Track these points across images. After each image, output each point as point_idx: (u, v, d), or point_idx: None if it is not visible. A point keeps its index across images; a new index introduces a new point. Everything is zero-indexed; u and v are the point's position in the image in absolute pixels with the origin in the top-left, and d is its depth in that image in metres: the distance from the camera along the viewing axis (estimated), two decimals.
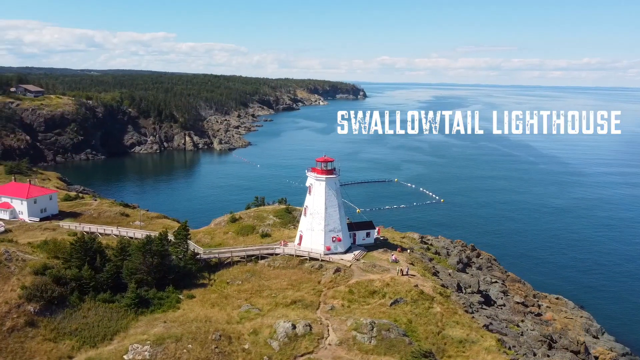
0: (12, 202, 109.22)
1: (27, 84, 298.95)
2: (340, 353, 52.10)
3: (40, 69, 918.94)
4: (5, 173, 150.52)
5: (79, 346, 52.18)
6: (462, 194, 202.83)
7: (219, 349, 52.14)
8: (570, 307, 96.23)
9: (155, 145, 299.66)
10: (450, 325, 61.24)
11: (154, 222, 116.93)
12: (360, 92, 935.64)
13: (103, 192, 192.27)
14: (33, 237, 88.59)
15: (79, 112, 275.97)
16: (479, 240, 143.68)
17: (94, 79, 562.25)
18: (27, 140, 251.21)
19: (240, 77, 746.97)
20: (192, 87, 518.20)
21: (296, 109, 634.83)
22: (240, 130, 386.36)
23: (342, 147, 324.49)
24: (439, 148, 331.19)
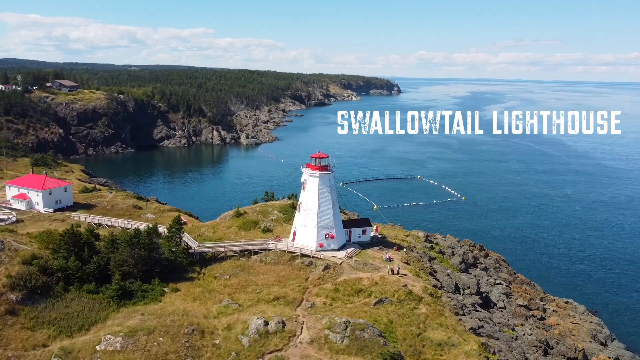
0: (29, 193, 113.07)
1: (63, 79, 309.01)
2: (309, 352, 51.49)
3: (83, 65, 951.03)
4: (31, 165, 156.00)
5: (55, 335, 53.40)
6: (485, 192, 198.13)
7: (190, 343, 52.38)
8: (580, 312, 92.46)
9: (183, 139, 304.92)
10: (432, 327, 59.66)
11: (165, 215, 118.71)
12: (395, 88, 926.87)
13: (127, 185, 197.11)
14: (41, 228, 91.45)
15: (110, 106, 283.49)
16: (494, 239, 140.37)
17: (131, 74, 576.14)
18: (60, 133, 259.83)
19: (274, 72, 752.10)
20: (224, 83, 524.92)
21: (328, 104, 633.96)
22: (269, 125, 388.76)
23: (369, 143, 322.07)
24: (468, 145, 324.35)
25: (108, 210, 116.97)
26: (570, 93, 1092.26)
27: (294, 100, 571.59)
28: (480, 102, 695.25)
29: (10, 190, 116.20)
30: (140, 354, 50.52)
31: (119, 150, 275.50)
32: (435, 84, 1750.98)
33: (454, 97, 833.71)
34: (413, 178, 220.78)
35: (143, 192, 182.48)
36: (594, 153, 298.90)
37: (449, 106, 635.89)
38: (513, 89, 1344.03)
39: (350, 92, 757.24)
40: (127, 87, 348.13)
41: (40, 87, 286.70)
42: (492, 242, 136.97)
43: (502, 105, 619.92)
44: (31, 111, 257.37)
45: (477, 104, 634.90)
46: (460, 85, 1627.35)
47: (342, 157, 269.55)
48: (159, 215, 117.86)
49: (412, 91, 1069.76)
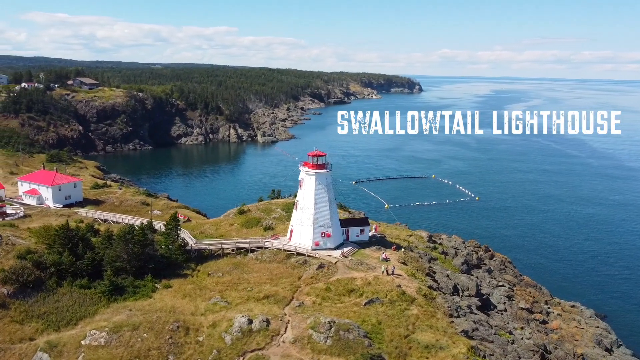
0: (39, 189, 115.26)
1: (84, 77, 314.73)
2: (291, 351, 51.18)
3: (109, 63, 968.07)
4: (46, 161, 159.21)
5: (43, 329, 54.25)
6: (500, 192, 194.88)
7: (173, 339, 52.61)
8: (587, 317, 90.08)
9: (200, 136, 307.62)
10: (421, 329, 58.75)
11: (172, 212, 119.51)
12: (416, 86, 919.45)
13: (142, 182, 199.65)
14: (47, 223, 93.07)
15: (128, 104, 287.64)
16: (504, 240, 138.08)
17: (153, 72, 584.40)
18: (79, 130, 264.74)
19: (295, 70, 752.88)
20: (244, 81, 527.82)
21: (347, 102, 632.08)
22: (286, 123, 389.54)
23: (384, 142, 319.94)
24: (487, 144, 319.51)
25: (116, 207, 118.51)
26: (595, 92, 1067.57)
27: (313, 99, 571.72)
28: (503, 100, 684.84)
29: (22, 186, 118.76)
30: (123, 349, 50.94)
31: (137, 148, 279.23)
32: (458, 82, 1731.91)
33: (475, 96, 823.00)
34: (427, 177, 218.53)
35: (157, 189, 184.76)
36: (616, 154, 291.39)
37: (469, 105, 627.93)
38: (537, 87, 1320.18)
39: (371, 91, 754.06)
40: (147, 85, 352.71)
41: (61, 85, 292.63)
42: (502, 243, 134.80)
43: (524, 104, 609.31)
44: (52, 108, 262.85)
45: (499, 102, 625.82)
46: (484, 83, 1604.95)
47: (356, 156, 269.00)
48: (166, 212, 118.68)
49: (433, 89, 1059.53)
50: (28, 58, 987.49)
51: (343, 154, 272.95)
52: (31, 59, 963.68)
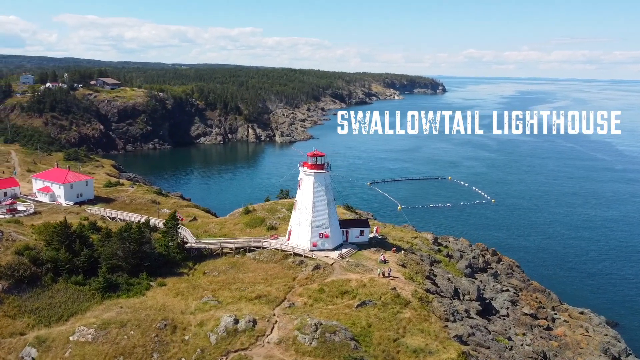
0: (52, 187, 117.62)
1: (106, 77, 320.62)
2: (274, 352, 50.87)
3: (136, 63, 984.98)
4: (64, 159, 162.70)
5: (34, 324, 55.13)
6: (517, 194, 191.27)
7: (159, 337, 52.83)
8: (595, 324, 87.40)
9: (219, 136, 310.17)
10: (412, 332, 57.79)
11: (181, 211, 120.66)
12: (440, 87, 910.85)
13: (158, 181, 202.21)
14: (55, 220, 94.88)
15: (149, 103, 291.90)
16: (516, 243, 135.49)
17: (177, 72, 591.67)
18: (101, 129, 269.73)
19: (317, 71, 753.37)
20: (266, 81, 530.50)
21: (369, 103, 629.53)
22: (305, 123, 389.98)
23: (404, 143, 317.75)
24: (508, 146, 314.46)
25: (127, 205, 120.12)
26: (625, 92, 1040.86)
27: (334, 99, 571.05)
28: (527, 101, 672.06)
29: (36, 183, 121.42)
30: (109, 346, 51.38)
31: (156, 147, 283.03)
32: (483, 82, 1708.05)
33: (500, 97, 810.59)
34: (444, 179, 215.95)
35: (173, 188, 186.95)
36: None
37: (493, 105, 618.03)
38: (565, 88, 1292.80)
39: (393, 91, 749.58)
40: (168, 85, 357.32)
41: (85, 85, 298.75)
42: (514, 246, 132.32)
43: (550, 105, 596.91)
44: (75, 108, 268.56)
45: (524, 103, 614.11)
46: (510, 84, 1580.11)
47: (373, 157, 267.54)
48: (175, 211, 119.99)
49: (457, 90, 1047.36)
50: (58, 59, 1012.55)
51: (359, 155, 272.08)
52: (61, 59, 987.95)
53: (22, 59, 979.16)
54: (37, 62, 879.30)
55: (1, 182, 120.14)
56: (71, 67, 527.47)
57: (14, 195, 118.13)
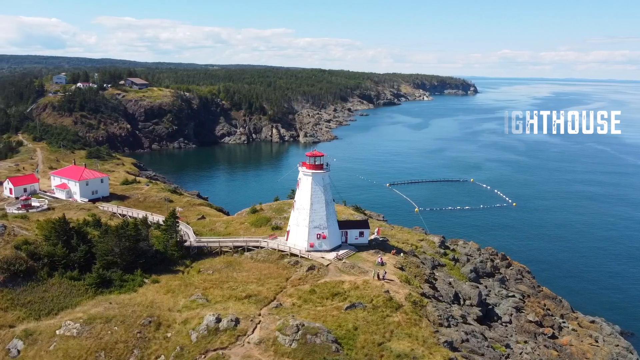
0: (69, 183, 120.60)
1: (135, 77, 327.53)
2: (253, 352, 50.57)
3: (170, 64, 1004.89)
4: (86, 157, 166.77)
5: (24, 317, 56.37)
6: (540, 198, 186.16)
7: (142, 334, 53.26)
8: (606, 333, 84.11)
9: (243, 136, 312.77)
10: (399, 337, 56.58)
11: (192, 209, 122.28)
12: (471, 88, 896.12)
13: (180, 179, 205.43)
14: (67, 215, 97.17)
15: (174, 103, 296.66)
16: (531, 248, 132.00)
17: (207, 73, 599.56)
18: (128, 128, 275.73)
19: (346, 71, 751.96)
20: (294, 81, 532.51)
21: (397, 104, 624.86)
22: (331, 124, 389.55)
23: (428, 144, 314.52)
24: (536, 147, 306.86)
25: (140, 202, 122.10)
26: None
27: (362, 100, 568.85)
28: (562, 103, 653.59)
29: (54, 180, 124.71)
30: (92, 341, 52.09)
31: (182, 146, 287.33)
32: (518, 83, 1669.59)
33: (533, 98, 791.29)
34: (465, 181, 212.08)
35: (192, 187, 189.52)
36: None
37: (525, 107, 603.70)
38: (603, 89, 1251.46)
39: (422, 92, 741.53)
40: (195, 86, 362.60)
41: (114, 85, 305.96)
42: (529, 251, 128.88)
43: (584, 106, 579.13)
44: (103, 107, 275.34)
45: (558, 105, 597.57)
46: (545, 85, 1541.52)
47: (396, 158, 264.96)
48: (187, 209, 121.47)
49: (490, 91, 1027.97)
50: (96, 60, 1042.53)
51: (382, 156, 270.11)
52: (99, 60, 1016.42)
53: (61, 60, 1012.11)
54: (75, 63, 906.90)
55: (21, 179, 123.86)
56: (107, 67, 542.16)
57: (34, 191, 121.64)
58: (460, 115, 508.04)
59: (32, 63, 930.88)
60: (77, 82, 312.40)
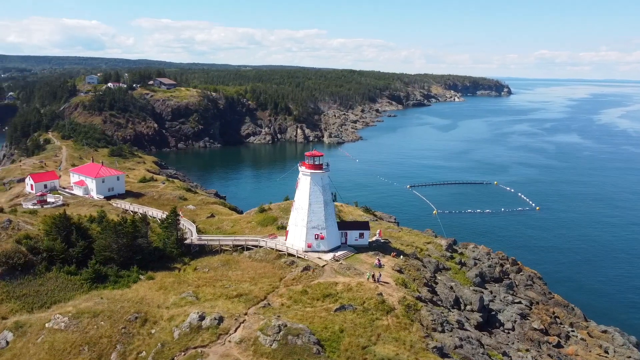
0: (86, 180, 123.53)
1: (163, 77, 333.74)
2: (232, 351, 50.39)
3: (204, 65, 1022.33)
4: (109, 155, 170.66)
5: (17, 309, 57.75)
6: (564, 202, 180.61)
7: (126, 329, 53.81)
8: (618, 344, 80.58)
9: (268, 136, 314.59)
10: (386, 341, 55.44)
11: (204, 208, 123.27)
12: (505, 89, 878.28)
13: (200, 178, 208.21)
14: (79, 212, 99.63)
15: (201, 103, 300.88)
16: (548, 254, 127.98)
17: (237, 73, 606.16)
18: (155, 127, 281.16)
19: (377, 72, 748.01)
20: (322, 82, 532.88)
21: (427, 105, 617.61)
22: (357, 125, 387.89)
23: (454, 146, 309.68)
24: (567, 151, 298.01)
25: (155, 200, 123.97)
26: None
27: (390, 101, 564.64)
28: (599, 105, 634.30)
29: (72, 177, 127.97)
30: (78, 334, 52.94)
31: (207, 145, 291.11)
32: (554, 84, 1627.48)
33: (569, 100, 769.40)
34: (489, 184, 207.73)
35: (211, 185, 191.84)
36: None
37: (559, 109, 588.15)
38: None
39: (454, 93, 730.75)
40: (222, 86, 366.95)
41: (143, 85, 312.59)
42: (546, 257, 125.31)
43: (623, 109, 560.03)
44: (132, 107, 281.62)
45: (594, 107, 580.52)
46: (583, 86, 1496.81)
47: (419, 160, 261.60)
48: (200, 207, 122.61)
49: (525, 92, 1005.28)
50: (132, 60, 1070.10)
51: (405, 158, 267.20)
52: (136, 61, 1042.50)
53: (99, 61, 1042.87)
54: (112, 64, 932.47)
55: (42, 175, 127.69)
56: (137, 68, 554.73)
57: (53, 187, 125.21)
58: (491, 116, 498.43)
59: (72, 64, 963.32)
60: (109, 82, 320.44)
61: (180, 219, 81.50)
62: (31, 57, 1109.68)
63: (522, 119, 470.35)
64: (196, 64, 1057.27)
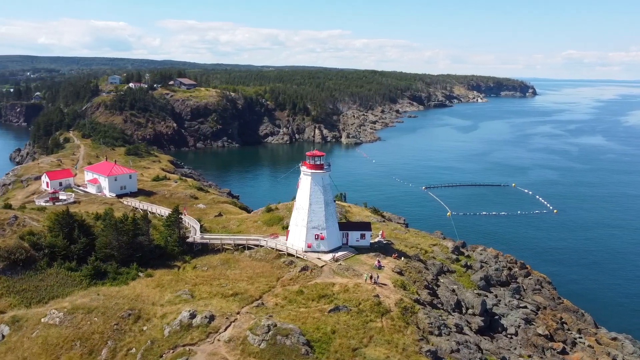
0: (99, 179, 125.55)
1: (183, 78, 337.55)
2: (220, 350, 50.39)
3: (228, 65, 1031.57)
4: (125, 154, 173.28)
5: (16, 304, 58.86)
6: (584, 206, 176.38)
7: (119, 326, 54.32)
8: (628, 352, 78.06)
9: (286, 136, 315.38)
10: (378, 343, 54.77)
11: (214, 207, 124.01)
12: (530, 89, 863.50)
13: (217, 177, 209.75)
14: (89, 209, 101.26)
15: (219, 103, 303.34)
16: (561, 258, 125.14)
17: (259, 74, 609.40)
18: (174, 127, 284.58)
19: (399, 73, 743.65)
20: (342, 82, 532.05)
21: (449, 105, 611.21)
22: (376, 125, 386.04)
23: (473, 147, 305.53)
24: (590, 153, 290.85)
25: (166, 198, 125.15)
26: None
27: (412, 101, 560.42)
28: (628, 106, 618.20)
29: (87, 175, 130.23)
30: (71, 330, 53.67)
31: (225, 145, 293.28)
32: (582, 85, 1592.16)
33: (597, 101, 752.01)
34: (507, 186, 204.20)
35: (227, 184, 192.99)
36: None
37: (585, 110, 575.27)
38: None
39: (477, 94, 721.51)
40: (242, 86, 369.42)
41: (163, 85, 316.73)
42: (559, 261, 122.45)
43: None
44: (152, 106, 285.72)
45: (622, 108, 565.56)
46: (612, 87, 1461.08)
47: (437, 161, 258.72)
48: (210, 206, 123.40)
49: (550, 93, 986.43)
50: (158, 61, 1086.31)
51: (423, 159, 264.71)
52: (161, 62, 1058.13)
53: (126, 62, 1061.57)
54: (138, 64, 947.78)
55: (57, 173, 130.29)
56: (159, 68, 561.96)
57: (68, 185, 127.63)
58: (514, 117, 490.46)
59: (100, 64, 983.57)
60: (130, 82, 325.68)
61: (183, 217, 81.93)
62: (61, 58, 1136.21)
63: (546, 120, 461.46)
64: (219, 65, 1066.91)
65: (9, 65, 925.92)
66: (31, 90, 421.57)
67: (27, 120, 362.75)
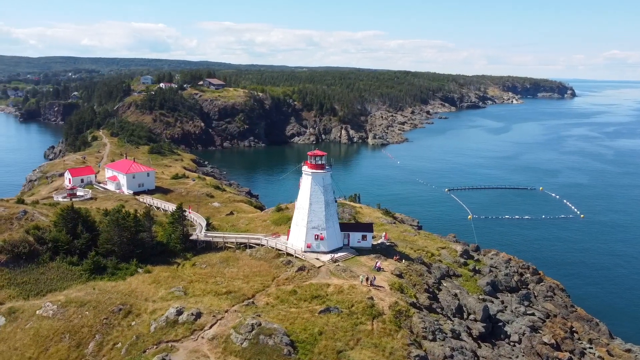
0: (118, 176, 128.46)
1: (212, 78, 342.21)
2: (202, 347, 50.51)
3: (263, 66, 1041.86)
4: (149, 152, 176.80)
5: (15, 295, 60.60)
6: (612, 211, 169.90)
7: (108, 320, 55.20)
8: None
9: (312, 136, 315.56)
10: (364, 346, 53.84)
11: (229, 205, 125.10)
12: (568, 91, 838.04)
13: (240, 177, 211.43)
14: (103, 205, 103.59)
15: (247, 103, 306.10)
16: (582, 264, 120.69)
17: (290, 74, 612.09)
18: (201, 126, 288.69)
19: (432, 73, 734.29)
20: (373, 83, 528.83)
21: (482, 107, 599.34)
22: (404, 126, 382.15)
23: (503, 150, 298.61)
24: (626, 157, 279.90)
25: (182, 196, 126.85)
26: None
27: (443, 103, 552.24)
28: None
29: (107, 172, 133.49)
30: (62, 322, 54.88)
31: (252, 144, 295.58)
32: (625, 87, 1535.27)
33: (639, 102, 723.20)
34: (533, 189, 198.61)
35: (249, 184, 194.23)
36: None
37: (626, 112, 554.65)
38: None
39: (512, 95, 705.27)
40: (270, 86, 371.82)
41: (193, 85, 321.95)
42: (579, 268, 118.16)
43: None
44: (180, 106, 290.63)
45: None
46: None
47: (463, 163, 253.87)
48: (224, 205, 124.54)
49: (590, 95, 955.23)
50: (195, 62, 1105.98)
51: (449, 161, 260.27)
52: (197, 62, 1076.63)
53: (163, 63, 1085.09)
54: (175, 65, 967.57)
55: (79, 170, 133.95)
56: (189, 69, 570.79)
57: (90, 182, 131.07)
58: (549, 119, 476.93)
59: (138, 65, 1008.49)
60: (161, 82, 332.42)
61: (188, 214, 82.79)
62: (101, 59, 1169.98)
63: (583, 123, 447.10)
64: (254, 66, 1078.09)
65: (53, 66, 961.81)
66: (69, 89, 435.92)
67: (64, 118, 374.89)
